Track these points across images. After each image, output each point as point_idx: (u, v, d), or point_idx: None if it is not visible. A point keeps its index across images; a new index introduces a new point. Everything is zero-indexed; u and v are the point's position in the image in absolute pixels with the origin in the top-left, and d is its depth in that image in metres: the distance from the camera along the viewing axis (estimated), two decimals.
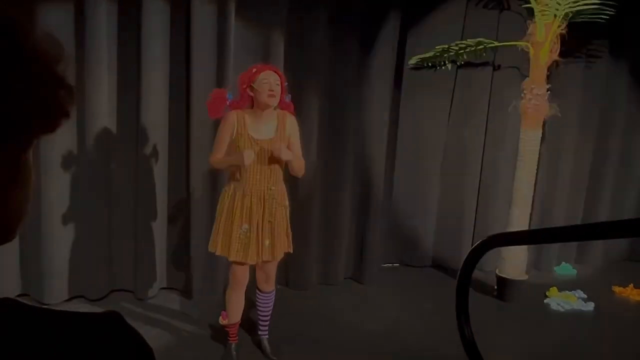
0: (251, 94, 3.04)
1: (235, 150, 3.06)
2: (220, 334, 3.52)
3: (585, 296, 4.63)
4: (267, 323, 3.45)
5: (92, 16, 3.70)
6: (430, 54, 4.23)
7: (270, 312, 3.42)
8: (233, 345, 3.37)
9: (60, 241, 3.94)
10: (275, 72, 3.10)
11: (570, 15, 4.10)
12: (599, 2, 4.01)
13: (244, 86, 3.05)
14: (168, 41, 3.96)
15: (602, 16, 4.06)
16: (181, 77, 4.04)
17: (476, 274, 2.68)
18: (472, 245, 4.86)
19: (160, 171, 4.09)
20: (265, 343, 3.46)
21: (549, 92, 4.38)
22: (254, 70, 3.06)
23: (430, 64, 4.26)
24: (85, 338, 0.58)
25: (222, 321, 3.36)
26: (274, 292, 3.39)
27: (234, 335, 3.37)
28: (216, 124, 3.99)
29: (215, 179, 4.07)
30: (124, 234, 4.13)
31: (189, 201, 4.12)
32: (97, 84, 3.80)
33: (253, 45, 4.12)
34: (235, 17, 3.97)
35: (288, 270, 4.58)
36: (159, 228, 4.18)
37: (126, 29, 3.88)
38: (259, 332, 3.48)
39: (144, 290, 4.17)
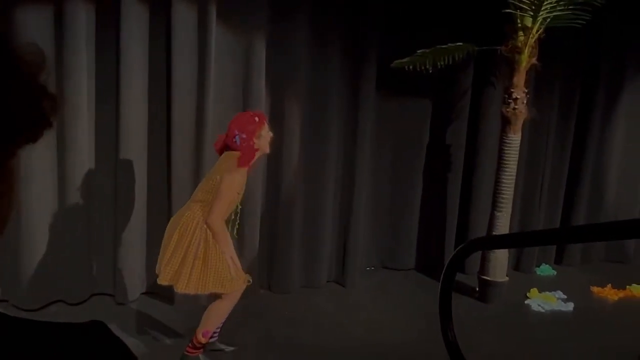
0: (255, 142, 3.06)
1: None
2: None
3: (565, 297, 4.70)
4: None
5: (71, 21, 3.66)
6: (412, 57, 4.26)
7: None
8: (202, 355, 3.36)
9: (39, 246, 3.89)
10: None
11: (549, 20, 4.16)
12: (575, 7, 4.08)
13: (255, 135, 3.05)
14: (147, 46, 3.93)
15: (579, 21, 4.13)
16: (161, 82, 4.01)
17: (458, 276, 2.70)
18: (454, 249, 4.93)
19: (140, 176, 4.05)
20: (218, 343, 3.49)
21: (528, 95, 4.44)
22: (257, 119, 3.10)
23: (411, 67, 4.29)
24: (70, 349, 0.57)
25: (203, 339, 3.29)
26: None
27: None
28: (198, 128, 3.99)
29: (196, 185, 4.04)
30: (104, 238, 4.09)
31: (170, 205, 4.09)
32: (76, 89, 3.75)
33: (234, 49, 4.11)
34: (216, 21, 3.96)
35: (271, 274, 4.57)
36: (140, 232, 4.14)
37: (105, 33, 3.84)
38: (216, 338, 3.48)
39: (124, 294, 4.12)
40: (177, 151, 4.01)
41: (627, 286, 4.95)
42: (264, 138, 3.13)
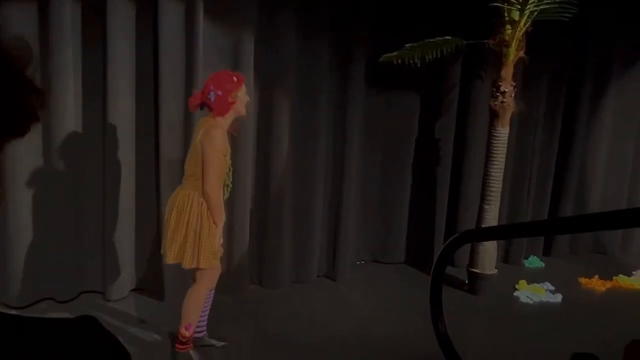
0: (232, 101, 3.05)
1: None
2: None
3: (553, 288, 4.74)
4: None
5: (56, 16, 3.62)
6: (400, 51, 4.26)
7: None
8: (192, 351, 3.34)
9: (27, 243, 3.85)
10: None
11: (536, 13, 4.19)
12: (562, 1, 4.10)
13: (231, 94, 3.04)
14: (134, 41, 3.89)
15: (566, 14, 4.16)
16: (149, 78, 3.98)
17: (448, 269, 2.72)
18: (443, 242, 4.94)
19: (128, 172, 4.02)
20: (208, 338, 3.49)
21: (515, 89, 4.46)
22: (235, 79, 3.08)
23: (399, 61, 4.30)
24: (61, 344, 0.57)
25: (187, 332, 3.27)
26: None
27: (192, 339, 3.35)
28: (187, 124, 3.96)
29: None
30: (93, 235, 4.06)
31: (158, 201, 4.07)
32: (62, 84, 3.71)
33: (222, 45, 4.08)
34: (203, 17, 3.93)
35: (261, 269, 4.56)
36: (129, 229, 4.11)
37: (91, 28, 3.80)
38: (204, 333, 3.47)
39: (113, 291, 4.10)
40: (166, 148, 3.99)
41: (614, 277, 5.01)
42: (241, 100, 3.09)
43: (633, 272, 5.12)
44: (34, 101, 0.57)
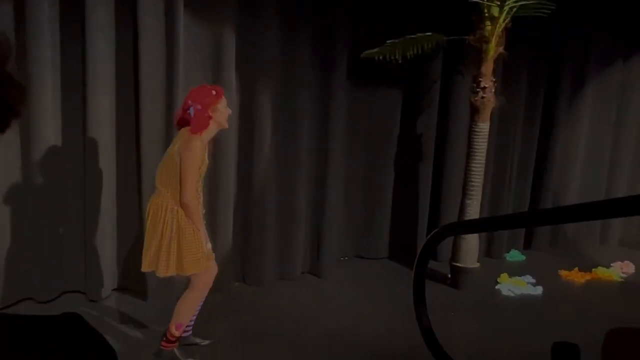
0: (211, 115, 3.03)
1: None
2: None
3: (534, 281, 4.81)
4: None
5: (33, 11, 3.56)
6: (381, 48, 4.27)
7: None
8: (177, 349, 3.34)
9: (5, 243, 3.79)
10: None
11: (515, 9, 4.23)
12: None
13: (210, 107, 3.02)
14: (114, 37, 3.85)
15: (544, 10, 4.21)
16: (129, 75, 3.93)
17: (430, 263, 2.74)
18: (426, 237, 4.96)
19: (109, 170, 3.98)
20: (193, 337, 3.49)
21: (495, 84, 4.51)
22: (214, 92, 3.06)
23: (381, 58, 4.31)
24: (47, 341, 0.56)
25: (177, 332, 3.27)
26: None
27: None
28: (168, 121, 3.93)
29: None
30: (74, 234, 4.01)
31: (140, 200, 4.03)
32: (40, 82, 3.65)
33: (203, 41, 4.05)
34: (184, 12, 3.90)
35: (245, 267, 4.55)
36: (110, 228, 4.07)
37: (69, 23, 3.75)
38: (191, 332, 3.47)
39: (95, 291, 4.06)
40: (147, 146, 3.95)
41: (593, 269, 5.10)
42: (222, 113, 3.08)
43: (611, 264, 5.21)
44: (14, 96, 0.56)
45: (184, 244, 3.04)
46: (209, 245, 3.20)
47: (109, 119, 3.92)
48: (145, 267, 3.13)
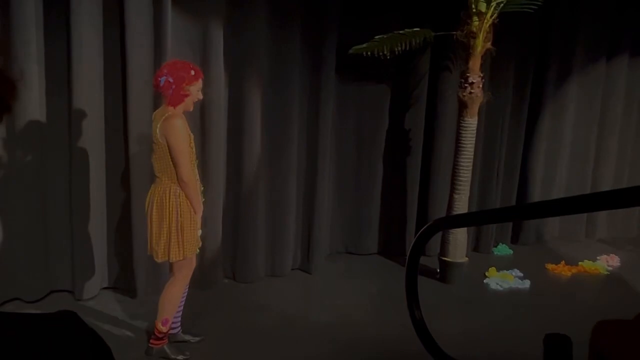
0: (185, 93, 3.01)
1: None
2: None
3: (522, 275, 4.86)
4: None
5: (18, 6, 3.51)
6: (370, 43, 4.28)
7: None
8: (166, 346, 3.33)
9: None
10: None
11: (502, 5, 4.26)
12: None
13: (184, 85, 3.00)
14: (101, 31, 3.81)
15: (531, 6, 4.24)
16: (116, 70, 3.90)
17: (420, 258, 2.75)
18: (415, 232, 4.99)
19: (97, 167, 3.95)
20: (183, 334, 3.48)
21: (483, 79, 4.53)
22: (193, 73, 3.04)
23: (369, 53, 4.32)
24: (42, 338, 0.56)
25: (163, 328, 3.26)
26: None
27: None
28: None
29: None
30: (61, 232, 3.97)
31: (129, 196, 4.00)
32: (25, 77, 3.60)
33: (191, 34, 4.03)
34: (171, 5, 3.86)
35: (235, 263, 4.54)
36: (98, 225, 4.04)
37: (55, 19, 3.70)
38: (179, 329, 3.46)
39: (84, 290, 4.02)
40: (135, 141, 3.92)
41: (579, 262, 5.16)
42: (193, 95, 3.05)
43: (597, 257, 5.28)
44: (5, 90, 0.55)
45: (185, 229, 3.05)
46: (200, 232, 3.19)
47: (96, 116, 3.88)
48: (161, 258, 3.10)
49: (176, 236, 3.05)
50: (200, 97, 3.13)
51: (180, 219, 3.04)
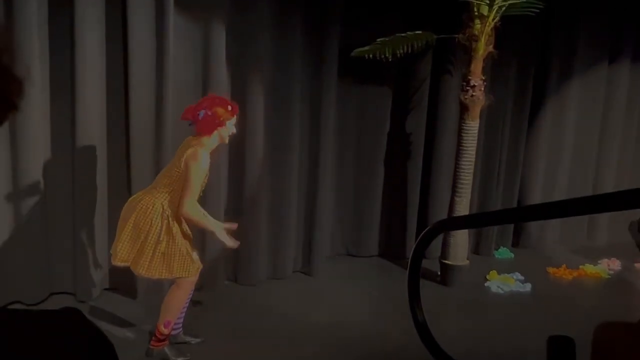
0: (218, 127, 3.06)
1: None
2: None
3: (523, 278, 4.85)
4: None
5: (21, 7, 3.52)
6: (372, 46, 4.29)
7: None
8: (167, 347, 3.33)
9: None
10: None
11: (504, 8, 4.26)
12: None
13: (219, 120, 3.04)
14: (103, 33, 3.82)
15: (533, 9, 4.25)
16: (119, 71, 3.91)
17: (422, 261, 2.75)
18: (416, 234, 4.98)
19: (98, 168, 3.95)
20: (183, 335, 3.49)
21: (485, 83, 4.54)
22: (230, 108, 3.12)
23: (371, 56, 4.32)
24: (46, 334, 0.56)
25: (165, 330, 3.27)
26: None
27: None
28: (158, 118, 3.91)
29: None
30: (62, 235, 3.97)
31: (130, 196, 4.00)
32: (28, 79, 3.60)
33: (193, 36, 4.04)
34: (174, 7, 3.87)
35: (236, 266, 4.54)
36: (100, 227, 4.04)
37: (58, 21, 3.71)
38: (180, 330, 3.47)
39: (85, 292, 4.02)
40: (137, 143, 3.93)
41: (581, 266, 5.15)
42: (227, 129, 3.14)
43: (598, 261, 5.27)
44: (12, 88, 0.55)
45: (174, 248, 3.05)
46: (195, 255, 3.22)
47: (98, 117, 3.88)
48: (119, 260, 3.12)
49: (151, 253, 3.05)
50: (234, 131, 3.19)
51: (162, 239, 3.05)
